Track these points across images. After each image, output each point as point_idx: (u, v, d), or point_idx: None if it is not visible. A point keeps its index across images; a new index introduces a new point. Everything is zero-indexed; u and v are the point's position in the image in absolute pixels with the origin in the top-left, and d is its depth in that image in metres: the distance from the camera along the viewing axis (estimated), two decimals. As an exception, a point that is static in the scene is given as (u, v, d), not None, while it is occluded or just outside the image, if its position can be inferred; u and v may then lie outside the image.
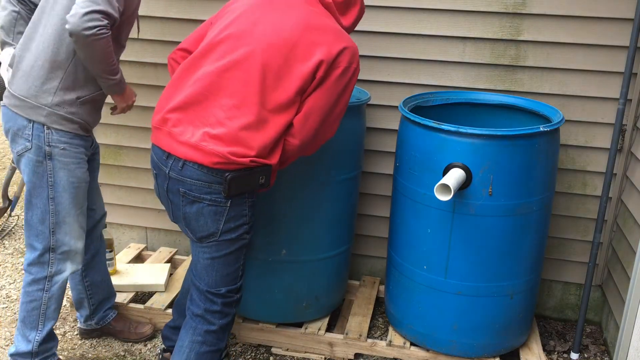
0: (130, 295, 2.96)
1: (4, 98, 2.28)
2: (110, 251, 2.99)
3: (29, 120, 2.21)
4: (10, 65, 2.30)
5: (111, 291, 2.79)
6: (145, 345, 2.81)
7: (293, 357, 2.75)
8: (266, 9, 2.03)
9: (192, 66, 2.03)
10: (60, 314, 3.03)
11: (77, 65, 2.22)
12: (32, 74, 2.20)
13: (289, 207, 2.54)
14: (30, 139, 2.21)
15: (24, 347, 2.36)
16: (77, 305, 2.73)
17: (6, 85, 2.29)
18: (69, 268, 2.37)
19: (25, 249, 2.48)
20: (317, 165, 2.49)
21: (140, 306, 2.90)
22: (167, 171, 2.02)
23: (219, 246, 2.06)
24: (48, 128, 2.21)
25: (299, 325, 2.77)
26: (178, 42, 2.76)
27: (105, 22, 2.05)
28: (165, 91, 2.07)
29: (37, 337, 2.36)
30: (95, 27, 2.02)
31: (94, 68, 2.18)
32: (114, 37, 2.21)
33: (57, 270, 2.35)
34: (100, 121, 2.46)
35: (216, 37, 2.02)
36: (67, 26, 2.03)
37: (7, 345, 2.78)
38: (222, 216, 2.01)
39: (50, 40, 2.19)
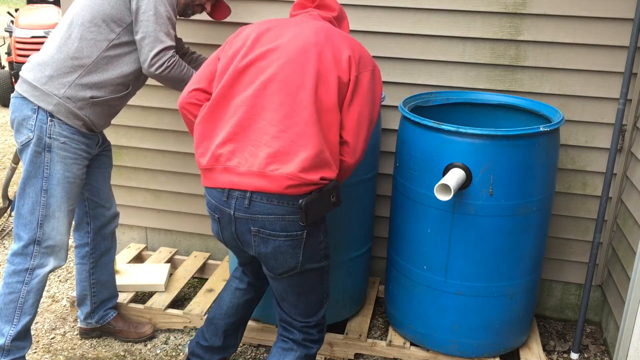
0: (130, 295, 2.96)
1: (16, 86, 2.31)
2: (111, 251, 2.99)
3: (34, 110, 2.23)
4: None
5: (114, 292, 2.80)
6: (145, 345, 2.81)
7: (293, 357, 2.75)
8: (282, 28, 2.02)
9: (223, 98, 1.96)
10: (61, 314, 3.03)
11: (100, 67, 2.27)
12: (50, 64, 2.24)
13: None
14: (33, 129, 2.23)
15: None
16: (79, 301, 2.73)
17: (21, 72, 2.32)
18: (51, 263, 2.35)
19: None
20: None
21: (140, 306, 2.90)
22: (231, 212, 1.92)
23: (300, 277, 2.04)
24: (52, 119, 2.24)
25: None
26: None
27: (171, 53, 2.31)
28: (201, 130, 1.98)
29: (10, 332, 2.32)
30: (163, 63, 2.29)
31: (180, 89, 2.36)
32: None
33: (39, 264, 2.33)
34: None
35: (239, 64, 1.96)
36: (144, 71, 2.33)
37: None
38: (300, 249, 1.95)
39: (74, 38, 2.24)
